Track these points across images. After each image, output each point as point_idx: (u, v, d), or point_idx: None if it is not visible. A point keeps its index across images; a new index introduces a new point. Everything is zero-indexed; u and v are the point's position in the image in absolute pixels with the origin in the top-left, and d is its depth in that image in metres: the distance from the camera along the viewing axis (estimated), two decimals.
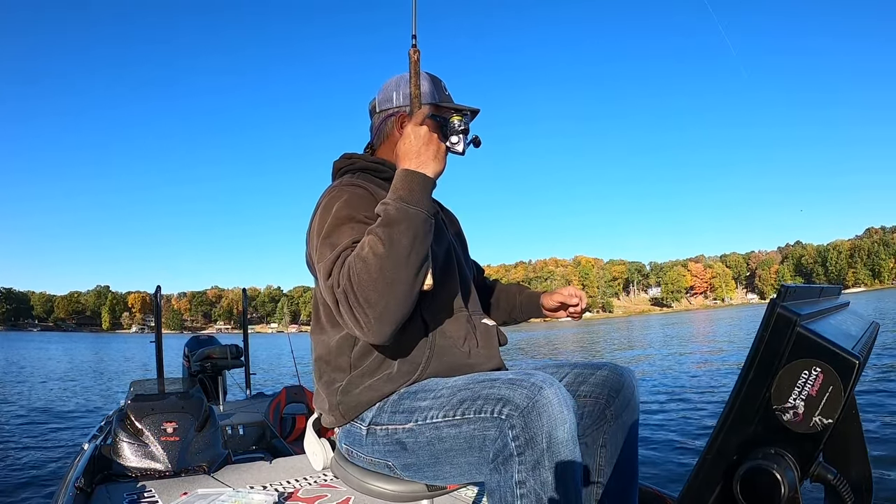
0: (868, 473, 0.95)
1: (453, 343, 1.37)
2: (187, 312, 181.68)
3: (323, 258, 1.24)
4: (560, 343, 30.99)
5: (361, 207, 1.30)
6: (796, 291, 0.80)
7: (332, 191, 1.38)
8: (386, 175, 1.45)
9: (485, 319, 1.50)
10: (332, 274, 1.19)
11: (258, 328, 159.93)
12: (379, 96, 1.55)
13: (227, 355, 5.99)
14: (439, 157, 1.22)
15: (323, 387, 1.42)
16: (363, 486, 1.37)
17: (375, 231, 1.16)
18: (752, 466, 0.71)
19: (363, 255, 1.14)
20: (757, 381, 0.72)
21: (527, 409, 1.07)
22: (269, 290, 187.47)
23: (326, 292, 1.21)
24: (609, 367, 1.44)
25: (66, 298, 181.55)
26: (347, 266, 1.16)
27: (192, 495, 2.48)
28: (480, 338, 1.43)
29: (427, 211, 1.18)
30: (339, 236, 1.25)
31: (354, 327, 1.18)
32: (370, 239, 1.16)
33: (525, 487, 1.06)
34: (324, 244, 1.27)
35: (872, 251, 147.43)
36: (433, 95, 1.47)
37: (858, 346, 0.78)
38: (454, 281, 1.45)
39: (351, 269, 1.15)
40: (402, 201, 1.16)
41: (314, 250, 1.31)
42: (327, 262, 1.21)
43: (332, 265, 1.20)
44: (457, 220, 1.76)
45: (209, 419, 3.32)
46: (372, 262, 1.13)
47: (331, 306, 1.23)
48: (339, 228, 1.27)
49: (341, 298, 1.16)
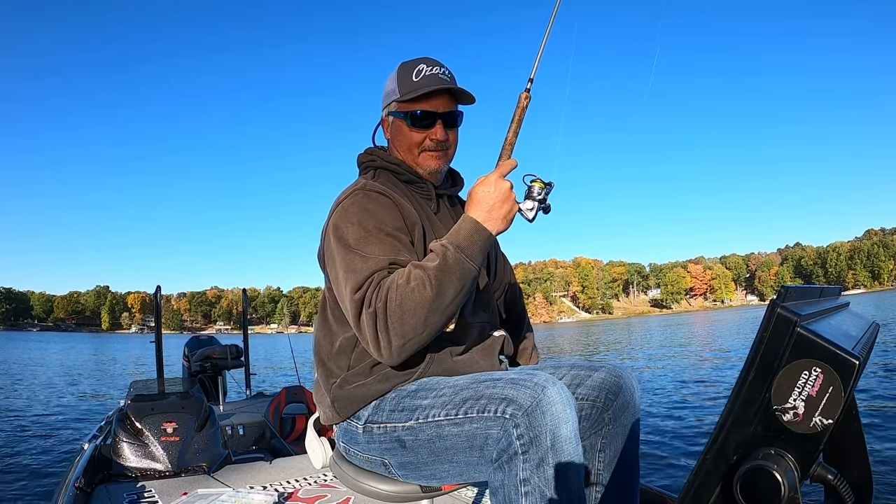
0: (868, 474, 0.96)
1: (454, 352, 1.37)
2: (187, 313, 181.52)
3: (352, 270, 1.25)
4: (560, 344, 30.99)
5: (388, 219, 1.32)
6: (796, 292, 0.80)
7: (355, 193, 1.37)
8: (404, 178, 1.47)
9: (497, 332, 1.49)
10: (363, 291, 1.20)
11: (258, 329, 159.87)
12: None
13: (227, 355, 6.00)
14: (508, 219, 1.24)
15: (321, 382, 1.43)
16: (358, 484, 1.38)
17: (427, 271, 1.17)
18: (752, 467, 0.71)
19: (407, 289, 1.16)
20: (757, 382, 0.72)
21: (531, 408, 1.08)
22: (268, 290, 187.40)
23: (350, 304, 1.23)
24: (607, 368, 1.42)
25: (66, 298, 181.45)
26: (385, 291, 1.17)
27: (192, 495, 2.48)
28: (482, 349, 1.42)
29: (479, 267, 1.21)
30: (369, 248, 1.26)
31: (373, 346, 1.20)
32: (418, 275, 1.17)
33: (529, 485, 1.07)
34: (352, 253, 1.27)
35: (872, 253, 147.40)
36: (395, 92, 1.45)
37: (858, 347, 0.78)
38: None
39: (389, 296, 1.16)
40: (461, 252, 1.19)
41: (336, 254, 1.31)
42: (358, 277, 1.22)
43: (364, 282, 1.21)
44: None
45: (209, 419, 3.32)
46: (414, 301, 1.15)
47: (349, 316, 1.25)
48: (367, 240, 1.27)
49: (368, 319, 1.18)
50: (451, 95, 1.46)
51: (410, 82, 1.43)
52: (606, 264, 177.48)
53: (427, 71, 1.43)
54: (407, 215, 1.37)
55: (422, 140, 1.45)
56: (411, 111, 1.43)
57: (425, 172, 1.48)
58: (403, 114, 1.44)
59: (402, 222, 1.35)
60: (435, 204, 1.49)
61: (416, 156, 1.46)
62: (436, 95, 1.43)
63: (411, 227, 1.37)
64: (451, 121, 1.47)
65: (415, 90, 1.41)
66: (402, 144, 1.47)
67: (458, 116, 1.49)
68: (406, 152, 1.47)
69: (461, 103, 1.50)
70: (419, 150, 1.46)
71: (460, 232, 1.21)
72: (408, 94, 1.41)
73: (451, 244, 1.20)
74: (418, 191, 1.49)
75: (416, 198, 1.47)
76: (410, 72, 1.44)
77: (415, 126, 1.44)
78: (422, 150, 1.46)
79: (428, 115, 1.43)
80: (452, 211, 1.56)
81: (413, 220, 1.37)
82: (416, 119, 1.43)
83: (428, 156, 1.46)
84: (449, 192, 1.56)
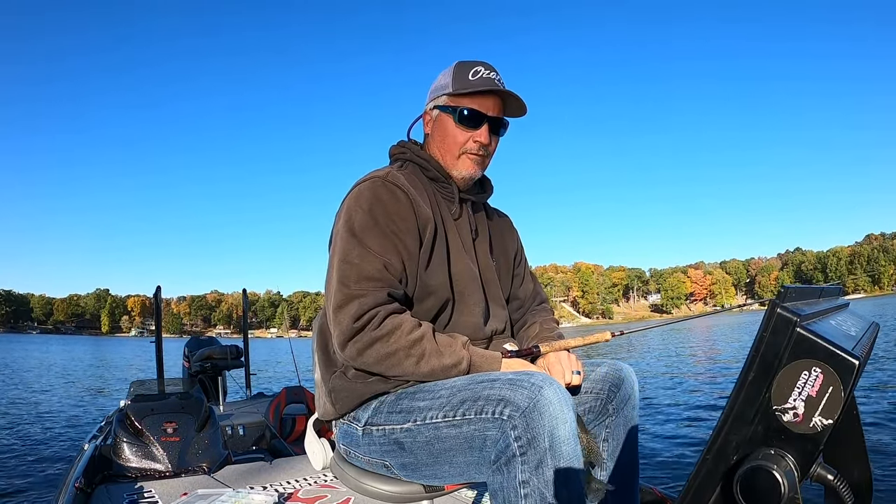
0: (868, 474, 0.96)
1: None
2: (187, 316, 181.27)
3: (347, 261, 1.29)
4: None
5: (399, 215, 1.33)
6: (796, 292, 0.81)
7: (375, 180, 1.37)
8: (430, 175, 1.47)
9: (507, 344, 1.48)
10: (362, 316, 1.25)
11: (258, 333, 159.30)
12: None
13: (227, 356, 6.00)
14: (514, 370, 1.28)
15: (321, 372, 1.43)
16: (361, 486, 1.37)
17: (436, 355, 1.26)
18: (752, 467, 0.71)
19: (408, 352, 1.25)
20: (757, 382, 0.72)
21: (528, 409, 1.08)
22: (268, 294, 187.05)
23: (346, 306, 1.26)
24: (608, 363, 1.44)
25: (66, 301, 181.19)
26: (388, 330, 1.25)
27: (192, 496, 2.48)
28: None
29: (465, 371, 1.28)
30: (370, 239, 1.30)
31: (338, 343, 1.27)
32: (426, 349, 1.26)
33: (529, 487, 1.07)
34: (353, 240, 1.31)
35: (872, 257, 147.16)
36: (448, 86, 1.44)
37: (858, 347, 0.78)
38: (473, 301, 1.44)
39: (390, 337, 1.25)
40: (470, 366, 1.28)
41: (338, 236, 1.34)
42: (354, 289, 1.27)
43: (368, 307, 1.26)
44: (514, 234, 1.70)
45: (209, 419, 3.32)
46: (403, 360, 1.25)
47: (331, 308, 1.28)
48: (372, 230, 1.31)
49: (354, 335, 1.25)
50: (502, 103, 1.45)
51: (466, 80, 1.41)
52: (607, 269, 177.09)
53: (484, 73, 1.42)
54: (421, 214, 1.36)
55: (465, 140, 1.43)
56: (461, 108, 1.42)
57: (458, 176, 1.46)
58: (452, 108, 1.43)
59: (415, 221, 1.35)
60: (457, 207, 1.47)
61: (455, 156, 1.44)
62: (488, 98, 1.42)
63: (424, 225, 1.36)
64: (498, 127, 1.46)
65: (470, 87, 1.40)
66: (444, 141, 1.45)
67: (504, 125, 1.48)
68: (445, 150, 1.45)
69: (509, 115, 1.48)
70: (460, 152, 1.44)
71: (487, 359, 1.30)
72: (461, 89, 1.40)
73: (476, 355, 1.29)
74: (442, 191, 1.47)
75: (438, 197, 1.46)
76: (467, 70, 1.42)
77: (461, 123, 1.42)
78: (463, 151, 1.44)
79: (476, 116, 1.41)
80: (474, 217, 1.53)
81: (426, 219, 1.37)
82: (463, 117, 1.42)
83: (468, 159, 1.44)
84: (475, 197, 1.54)
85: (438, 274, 1.38)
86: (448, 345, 1.28)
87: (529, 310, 1.67)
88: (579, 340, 1.42)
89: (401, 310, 1.30)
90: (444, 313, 1.41)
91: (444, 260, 1.40)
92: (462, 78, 1.42)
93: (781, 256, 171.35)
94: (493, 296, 1.51)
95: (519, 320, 1.65)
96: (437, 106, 1.46)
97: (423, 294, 1.37)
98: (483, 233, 1.55)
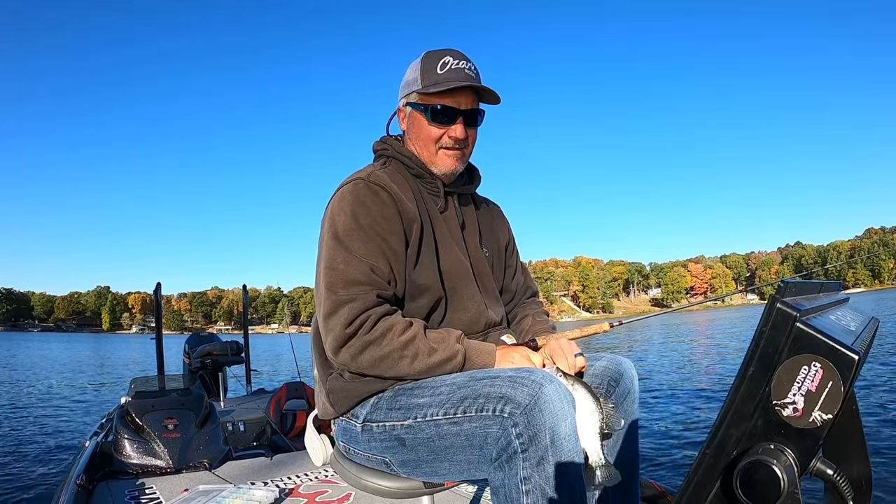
0: (867, 469, 0.96)
1: None
2: (188, 313, 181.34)
3: (332, 268, 1.28)
4: None
5: (383, 217, 1.31)
6: (796, 287, 0.80)
7: (357, 182, 1.35)
8: (414, 171, 1.45)
9: (504, 336, 1.48)
10: (353, 321, 1.24)
11: (258, 329, 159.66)
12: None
13: (228, 352, 6.00)
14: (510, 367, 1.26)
15: (319, 373, 1.43)
16: (361, 482, 1.38)
17: (430, 352, 1.25)
18: (751, 461, 0.71)
19: (402, 353, 1.24)
20: (757, 377, 0.72)
21: (529, 406, 1.07)
22: (269, 290, 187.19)
23: (336, 312, 1.26)
24: (608, 357, 1.43)
25: (67, 299, 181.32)
26: (380, 333, 1.24)
27: (194, 492, 2.48)
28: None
29: (461, 365, 1.28)
30: (354, 243, 1.29)
31: (332, 349, 1.27)
32: (419, 348, 1.25)
33: (530, 483, 1.07)
34: (338, 245, 1.29)
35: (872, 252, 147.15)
36: (417, 82, 1.41)
37: (858, 342, 0.78)
38: (467, 296, 1.44)
39: (382, 340, 1.24)
40: (466, 359, 1.27)
41: (323, 241, 1.34)
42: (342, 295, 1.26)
43: (358, 311, 1.25)
44: (505, 224, 1.68)
45: (210, 416, 3.33)
46: (397, 361, 1.24)
47: (321, 316, 1.28)
48: (356, 234, 1.30)
49: (347, 340, 1.25)
50: (475, 93, 1.41)
51: (434, 74, 1.37)
52: (607, 263, 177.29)
53: (453, 64, 1.37)
54: (406, 212, 1.35)
55: (440, 136, 1.40)
56: (432, 105, 1.39)
57: (440, 172, 1.44)
58: (423, 107, 1.40)
59: (399, 220, 1.33)
60: (443, 201, 1.46)
61: (432, 153, 1.42)
62: (459, 91, 1.38)
63: (409, 224, 1.35)
64: (473, 119, 1.43)
65: (438, 84, 1.36)
66: (419, 138, 1.43)
67: (479, 115, 1.44)
68: (422, 147, 1.43)
69: (484, 102, 1.45)
70: (437, 147, 1.42)
71: (482, 353, 1.29)
72: (430, 86, 1.37)
73: (470, 348, 1.28)
74: (426, 186, 1.46)
75: (423, 193, 1.44)
76: (435, 63, 1.38)
77: (434, 121, 1.39)
78: (439, 147, 1.42)
79: (449, 112, 1.39)
80: (461, 210, 1.52)
81: (412, 217, 1.36)
82: (436, 114, 1.39)
83: (445, 154, 1.42)
84: (461, 190, 1.52)
85: (429, 271, 1.37)
86: (441, 340, 1.27)
87: (520, 303, 1.66)
88: (577, 332, 1.41)
89: (392, 311, 1.29)
90: (438, 310, 1.40)
91: (434, 257, 1.39)
92: (430, 72, 1.38)
93: (782, 250, 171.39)
94: (487, 288, 1.50)
95: (510, 313, 1.64)
96: (410, 103, 1.44)
97: (415, 293, 1.36)
98: (472, 224, 1.54)
